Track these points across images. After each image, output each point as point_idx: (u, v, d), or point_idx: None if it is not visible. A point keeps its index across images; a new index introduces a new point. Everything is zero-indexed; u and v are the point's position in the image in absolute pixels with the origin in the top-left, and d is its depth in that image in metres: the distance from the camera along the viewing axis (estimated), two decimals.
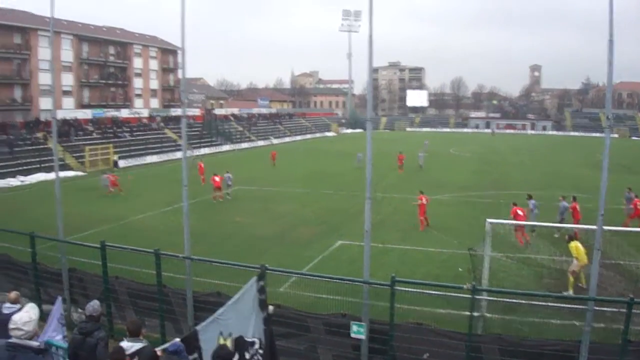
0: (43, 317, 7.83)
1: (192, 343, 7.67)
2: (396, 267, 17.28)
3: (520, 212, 22.16)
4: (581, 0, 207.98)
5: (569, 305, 12.33)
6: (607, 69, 8.67)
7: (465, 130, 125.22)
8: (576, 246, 15.75)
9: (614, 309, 11.34)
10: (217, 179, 33.13)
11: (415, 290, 10.84)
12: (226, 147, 74.73)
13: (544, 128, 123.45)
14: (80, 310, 13.09)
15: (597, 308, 10.39)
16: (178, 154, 58.14)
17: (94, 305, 7.55)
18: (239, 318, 8.16)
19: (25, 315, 5.86)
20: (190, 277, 11.53)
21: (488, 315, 12.77)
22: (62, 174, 24.13)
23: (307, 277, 14.22)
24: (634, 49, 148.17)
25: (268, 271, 9.08)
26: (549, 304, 12.17)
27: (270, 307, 8.64)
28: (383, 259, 18.82)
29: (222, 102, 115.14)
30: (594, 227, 9.63)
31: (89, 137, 59.22)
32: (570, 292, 15.32)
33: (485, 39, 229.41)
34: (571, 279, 15.71)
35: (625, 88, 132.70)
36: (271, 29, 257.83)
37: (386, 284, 9.52)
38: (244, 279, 9.18)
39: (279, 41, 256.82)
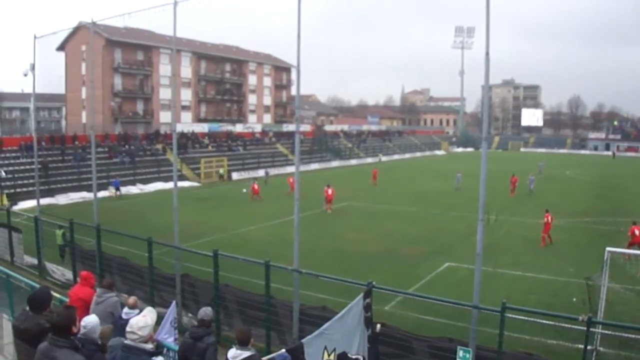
0: (157, 321, 8.17)
1: (297, 355, 7.72)
2: (506, 292, 16.57)
3: (637, 232, 20.75)
4: None
5: None
6: None
7: (583, 152, 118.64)
8: None
9: None
10: (329, 191, 34.25)
11: (526, 318, 10.36)
12: (335, 163, 75.41)
13: None
14: (190, 315, 13.59)
15: None
16: (289, 169, 59.56)
17: (206, 311, 7.76)
18: (344, 334, 8.13)
19: (142, 320, 6.03)
20: (297, 289, 11.65)
21: (602, 349, 11.98)
22: (179, 183, 25.41)
23: (414, 297, 13.94)
24: None
25: (375, 289, 8.98)
26: None
27: (378, 326, 8.54)
28: (492, 283, 18.14)
29: (332, 118, 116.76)
30: None
31: (204, 149, 61.93)
32: None
33: (605, 56, 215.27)
34: None
35: None
36: (382, 46, 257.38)
37: (496, 310, 9.12)
38: (350, 295, 9.15)
39: (390, 58, 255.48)
